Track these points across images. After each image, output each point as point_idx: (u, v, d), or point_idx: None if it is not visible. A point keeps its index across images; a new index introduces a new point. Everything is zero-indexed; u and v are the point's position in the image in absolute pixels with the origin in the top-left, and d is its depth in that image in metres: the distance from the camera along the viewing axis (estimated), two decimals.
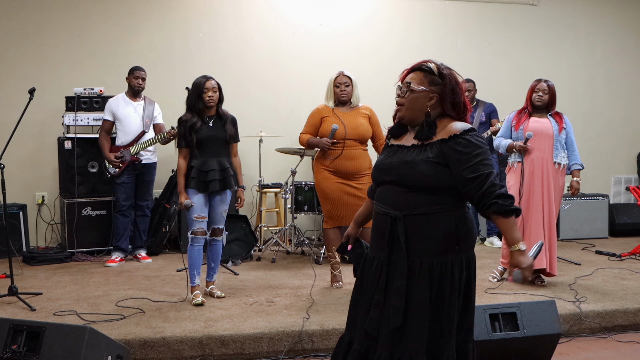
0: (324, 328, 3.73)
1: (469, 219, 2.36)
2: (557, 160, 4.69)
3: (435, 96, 2.33)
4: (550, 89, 4.74)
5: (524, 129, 4.68)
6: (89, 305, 4.20)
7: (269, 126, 6.72)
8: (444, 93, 2.33)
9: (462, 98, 2.37)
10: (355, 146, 4.62)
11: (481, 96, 6.71)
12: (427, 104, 2.34)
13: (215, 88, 4.30)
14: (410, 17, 7.37)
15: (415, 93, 2.34)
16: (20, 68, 6.37)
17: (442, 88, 2.33)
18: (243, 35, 6.94)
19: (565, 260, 5.68)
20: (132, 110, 5.67)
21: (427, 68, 2.36)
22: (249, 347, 3.61)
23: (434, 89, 2.33)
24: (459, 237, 2.29)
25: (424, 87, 2.33)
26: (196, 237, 4.27)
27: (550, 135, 4.68)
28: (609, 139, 7.92)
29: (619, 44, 7.91)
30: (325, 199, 4.67)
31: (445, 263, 2.27)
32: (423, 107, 2.34)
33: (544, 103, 4.72)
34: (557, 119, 4.78)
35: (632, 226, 7.20)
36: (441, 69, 2.35)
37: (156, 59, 6.72)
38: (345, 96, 4.63)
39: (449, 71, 2.37)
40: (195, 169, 4.27)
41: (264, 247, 6.16)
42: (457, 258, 2.29)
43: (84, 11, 6.55)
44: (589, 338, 3.98)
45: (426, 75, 2.35)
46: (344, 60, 6.92)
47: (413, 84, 2.35)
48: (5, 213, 4.75)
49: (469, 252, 2.35)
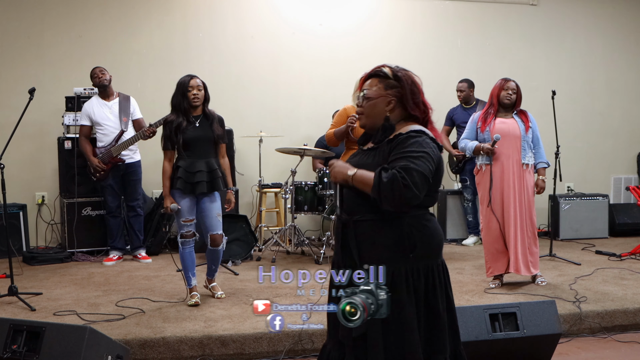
0: (324, 328, 3.72)
1: (429, 225, 2.28)
2: (525, 161, 4.62)
3: (394, 100, 2.31)
4: (518, 88, 4.71)
5: (490, 130, 4.61)
6: (89, 305, 4.20)
7: (269, 126, 6.71)
8: (402, 95, 2.31)
9: (420, 98, 2.34)
10: None
11: (481, 96, 6.71)
12: (386, 108, 2.31)
13: (200, 86, 4.17)
14: (410, 17, 7.37)
15: (372, 100, 2.32)
16: (20, 68, 6.37)
17: (399, 91, 2.31)
18: (243, 35, 6.94)
19: (565, 260, 5.68)
20: (107, 111, 5.65)
21: (381, 73, 2.33)
22: (249, 347, 3.61)
23: (390, 92, 2.31)
24: (413, 245, 2.21)
25: (381, 92, 2.31)
26: (186, 240, 4.21)
27: (518, 136, 4.60)
28: (609, 139, 7.92)
29: (619, 44, 7.91)
30: None
31: (398, 271, 2.20)
32: (382, 113, 2.31)
33: (512, 102, 4.68)
34: (522, 118, 4.70)
35: (632, 226, 7.19)
36: (396, 71, 2.33)
37: (156, 59, 6.72)
38: None
39: (405, 72, 2.34)
40: (181, 169, 4.13)
41: (264, 247, 6.16)
42: (411, 266, 2.22)
43: (84, 11, 6.56)
44: (589, 338, 3.98)
45: (381, 80, 2.33)
46: (344, 61, 6.94)
47: (368, 92, 2.33)
48: (5, 213, 4.75)
49: (430, 259, 2.26)
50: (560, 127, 6.19)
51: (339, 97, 6.10)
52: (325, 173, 5.93)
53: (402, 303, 2.19)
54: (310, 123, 6.97)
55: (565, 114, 7.27)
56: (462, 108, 6.69)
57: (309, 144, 6.33)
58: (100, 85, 5.65)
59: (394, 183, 2.10)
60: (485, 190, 4.65)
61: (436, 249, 2.31)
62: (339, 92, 6.43)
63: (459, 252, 6.24)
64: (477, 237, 6.70)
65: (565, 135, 6.55)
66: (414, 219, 2.24)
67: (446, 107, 6.88)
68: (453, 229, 6.93)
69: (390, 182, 2.10)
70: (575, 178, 7.64)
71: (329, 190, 5.85)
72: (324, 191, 5.92)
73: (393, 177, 2.10)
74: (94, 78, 5.67)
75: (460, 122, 6.65)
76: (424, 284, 2.24)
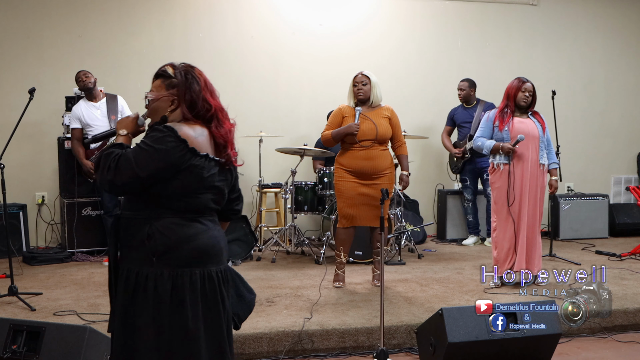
0: (324, 328, 3.72)
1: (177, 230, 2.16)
2: (542, 161, 4.66)
3: (176, 99, 2.25)
4: (534, 89, 4.74)
5: (510, 130, 4.62)
6: (89, 305, 4.19)
7: (269, 126, 6.71)
8: (180, 94, 2.25)
9: (202, 95, 2.26)
10: (374, 146, 4.61)
11: (481, 96, 6.71)
12: (168, 108, 2.26)
13: None
14: (410, 17, 7.37)
15: (155, 102, 2.27)
16: (20, 68, 6.37)
17: (179, 89, 2.25)
18: (243, 35, 6.94)
19: (565, 260, 5.68)
20: (96, 111, 5.67)
21: (165, 73, 2.29)
22: (249, 347, 3.61)
23: (173, 92, 2.26)
24: (155, 249, 2.13)
25: (162, 93, 2.27)
26: None
27: (536, 136, 4.64)
28: (609, 139, 7.92)
29: (619, 44, 7.91)
30: (340, 197, 4.69)
31: (140, 274, 2.14)
32: (164, 113, 2.27)
33: (528, 104, 4.70)
34: (538, 118, 4.73)
35: (632, 226, 7.20)
36: (177, 69, 2.28)
37: (156, 59, 6.68)
38: (362, 95, 4.63)
39: (187, 70, 2.28)
40: None
41: (264, 247, 6.16)
42: (154, 271, 2.13)
43: (84, 11, 6.56)
44: (589, 338, 3.98)
45: (164, 80, 2.28)
46: (344, 61, 6.93)
47: (150, 94, 2.29)
48: (5, 213, 4.75)
49: (179, 267, 2.15)
50: (560, 127, 6.20)
51: (339, 97, 6.08)
52: (325, 173, 5.92)
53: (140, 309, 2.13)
54: (310, 123, 6.96)
55: (565, 114, 7.27)
56: (463, 108, 6.69)
57: (309, 144, 6.33)
58: (85, 88, 5.69)
59: (103, 161, 2.12)
60: (503, 190, 4.65)
61: (186, 256, 2.16)
62: (339, 92, 6.41)
63: (459, 252, 6.24)
64: (477, 237, 6.70)
65: (565, 135, 6.56)
66: (161, 222, 2.15)
67: (446, 106, 6.88)
68: (453, 229, 6.93)
69: (101, 158, 2.13)
70: (575, 178, 7.64)
71: (329, 190, 5.85)
72: (324, 191, 5.92)
73: (105, 156, 2.12)
74: (78, 82, 5.72)
75: (461, 121, 6.65)
76: (176, 294, 2.13)
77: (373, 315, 3.91)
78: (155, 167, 2.10)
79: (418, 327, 3.57)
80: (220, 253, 2.28)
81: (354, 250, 5.50)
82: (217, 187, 2.26)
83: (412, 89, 7.27)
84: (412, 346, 3.71)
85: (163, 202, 2.16)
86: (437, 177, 7.33)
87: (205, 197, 2.22)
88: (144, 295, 2.13)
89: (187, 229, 2.17)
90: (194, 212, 2.20)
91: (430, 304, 4.20)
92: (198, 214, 2.22)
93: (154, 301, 2.12)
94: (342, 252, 4.73)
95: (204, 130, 2.26)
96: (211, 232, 2.24)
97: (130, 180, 2.10)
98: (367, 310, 4.05)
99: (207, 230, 2.22)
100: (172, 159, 2.12)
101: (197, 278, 2.17)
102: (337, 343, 3.70)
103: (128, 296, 2.14)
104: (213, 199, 2.25)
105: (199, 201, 2.21)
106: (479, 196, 6.71)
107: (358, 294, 4.53)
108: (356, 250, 5.53)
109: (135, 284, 2.14)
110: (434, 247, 6.55)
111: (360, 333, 3.72)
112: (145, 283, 2.13)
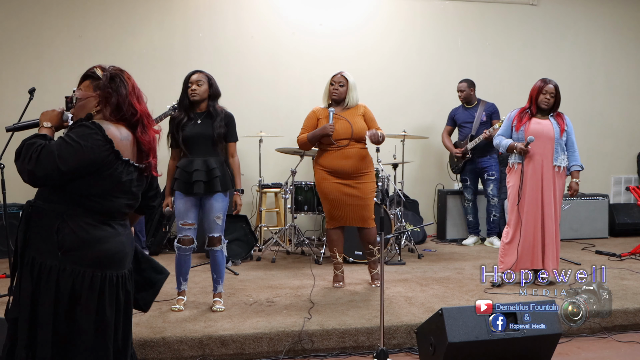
0: (324, 328, 3.72)
1: (90, 231, 2.19)
2: (557, 163, 4.66)
3: (102, 100, 2.31)
4: (557, 90, 4.72)
5: (525, 130, 4.66)
6: None
7: (269, 126, 6.72)
8: (106, 96, 2.30)
9: (129, 100, 2.31)
10: (352, 145, 4.60)
11: (481, 96, 6.71)
12: (94, 108, 2.31)
13: (200, 81, 4.01)
14: (410, 17, 7.37)
15: (81, 101, 2.33)
16: (20, 68, 6.37)
17: (106, 92, 2.30)
18: (243, 35, 6.94)
19: (565, 260, 5.68)
20: None
21: (93, 74, 2.34)
22: (249, 347, 3.61)
23: (100, 93, 2.31)
24: (62, 244, 2.16)
25: (89, 93, 2.32)
26: (181, 247, 4.02)
27: (552, 137, 4.65)
28: (609, 139, 7.92)
29: (619, 44, 7.91)
30: (325, 199, 4.68)
31: (44, 265, 2.16)
32: (90, 112, 2.32)
33: (549, 106, 4.72)
34: (558, 120, 4.75)
35: (632, 226, 7.20)
36: (106, 72, 2.33)
37: (156, 59, 6.72)
38: (336, 95, 4.63)
39: (115, 73, 2.33)
40: (179, 170, 3.99)
41: (264, 247, 6.16)
42: (58, 265, 2.16)
43: (84, 11, 6.56)
44: (589, 338, 3.98)
45: (92, 81, 2.34)
46: (344, 61, 6.93)
47: (78, 93, 2.34)
48: (5, 213, 4.76)
49: (83, 266, 2.18)
50: None
51: None
52: None
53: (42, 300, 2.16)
54: None
55: (565, 114, 7.25)
56: (463, 108, 6.69)
57: None
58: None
59: (25, 150, 2.15)
60: (515, 189, 4.67)
61: (91, 257, 2.20)
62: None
63: (459, 252, 6.24)
64: (477, 237, 6.70)
65: None
66: (73, 219, 2.18)
67: (446, 106, 6.88)
68: (453, 229, 6.93)
69: (23, 147, 2.16)
70: None
71: None
72: None
73: (27, 145, 2.16)
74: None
75: (461, 122, 6.65)
76: (74, 288, 2.17)
77: (373, 315, 3.91)
78: (77, 163, 2.13)
79: (418, 327, 3.57)
80: (125, 259, 2.32)
81: (353, 250, 5.50)
82: (132, 192, 2.31)
83: (412, 89, 7.27)
84: (412, 346, 3.71)
85: (77, 200, 2.19)
86: (437, 177, 7.33)
87: (119, 201, 2.27)
88: (47, 287, 2.16)
89: (97, 230, 2.21)
90: (106, 215, 2.25)
91: (430, 304, 4.20)
92: (110, 217, 2.26)
93: (55, 293, 2.16)
94: (337, 253, 4.73)
95: (129, 134, 2.31)
96: (120, 237, 2.28)
97: (50, 173, 2.13)
98: (367, 310, 4.05)
99: (116, 235, 2.26)
100: (96, 157, 2.16)
101: (97, 280, 2.21)
102: (337, 343, 3.70)
103: (32, 283, 2.18)
104: (127, 203, 2.30)
105: (113, 204, 2.25)
106: (479, 196, 6.71)
107: (358, 294, 4.53)
108: (356, 250, 5.53)
109: (39, 273, 2.17)
110: (434, 247, 6.55)
111: (360, 333, 3.72)
112: (48, 275, 2.16)
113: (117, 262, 2.28)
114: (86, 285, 2.18)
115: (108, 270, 2.24)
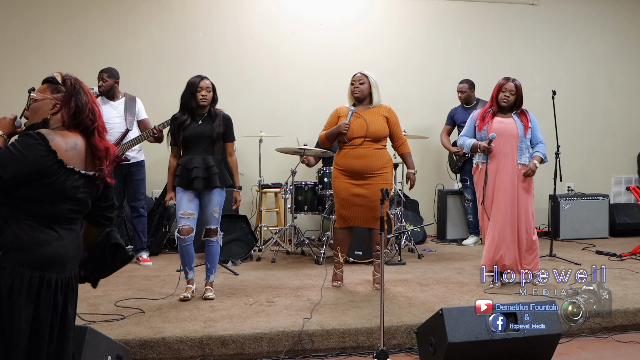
0: (323, 328, 3.72)
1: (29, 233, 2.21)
2: (521, 161, 4.60)
3: (58, 104, 2.36)
4: (518, 89, 4.67)
5: (487, 129, 4.61)
6: (88, 305, 4.19)
7: (269, 126, 6.72)
8: (65, 100, 2.36)
9: (91, 106, 2.38)
10: (366, 145, 4.57)
11: (481, 96, 6.71)
12: (50, 111, 2.36)
13: (209, 88, 4.33)
14: (410, 17, 7.37)
15: (37, 102, 2.38)
16: (20, 68, 6.37)
17: (65, 96, 2.37)
18: (243, 35, 6.95)
19: (565, 260, 5.68)
20: (111, 109, 5.60)
21: (52, 79, 2.42)
22: (249, 347, 3.61)
23: (57, 97, 2.37)
24: (3, 244, 2.17)
25: (46, 95, 2.38)
26: (181, 237, 4.26)
27: (515, 136, 4.60)
28: (609, 139, 7.92)
29: (619, 43, 7.91)
30: (335, 197, 4.71)
31: None
32: (45, 115, 2.37)
33: (509, 104, 4.65)
34: (522, 118, 4.67)
35: (632, 226, 7.20)
36: (65, 78, 2.41)
37: (156, 59, 6.72)
38: (358, 93, 4.61)
39: (74, 81, 2.42)
40: (180, 167, 4.30)
41: (264, 247, 6.16)
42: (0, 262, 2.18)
43: (84, 11, 6.56)
44: (589, 338, 3.98)
45: (50, 86, 2.41)
46: (344, 60, 6.93)
47: (34, 94, 2.39)
48: None
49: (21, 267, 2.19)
50: (560, 127, 6.19)
51: (339, 97, 6.09)
52: (325, 173, 5.93)
53: None
54: (310, 123, 6.96)
55: (565, 114, 7.27)
56: (463, 108, 6.69)
57: (309, 144, 6.33)
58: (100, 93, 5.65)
59: None
60: (480, 187, 4.67)
61: (31, 259, 2.22)
62: (339, 92, 6.42)
63: (459, 252, 6.24)
64: (477, 237, 6.70)
65: (565, 135, 6.56)
66: (15, 221, 2.20)
67: (446, 106, 6.88)
68: (453, 229, 6.93)
69: None
70: (576, 178, 7.64)
71: (329, 190, 5.85)
72: (324, 191, 5.92)
73: None
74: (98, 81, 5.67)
75: (461, 121, 6.65)
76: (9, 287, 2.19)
77: (373, 316, 3.91)
78: (19, 172, 2.16)
79: (418, 327, 3.57)
80: (66, 262, 2.33)
81: (353, 250, 5.50)
82: (78, 198, 2.33)
83: (411, 89, 7.27)
84: (412, 346, 3.71)
85: (21, 204, 2.21)
86: (437, 177, 7.33)
87: (64, 206, 2.29)
88: None
89: (39, 234, 2.23)
90: (50, 219, 2.26)
91: (430, 304, 4.20)
92: (54, 222, 2.28)
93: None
94: (340, 252, 4.73)
95: (80, 140, 2.34)
96: (63, 241, 2.30)
97: None
98: (367, 311, 4.05)
99: (58, 239, 2.28)
100: (39, 167, 2.19)
101: (35, 281, 2.22)
102: (337, 343, 3.70)
103: None
104: (72, 209, 2.32)
105: (57, 209, 2.27)
106: None
107: (358, 294, 4.53)
108: (356, 250, 5.53)
109: None
110: (434, 247, 6.55)
111: (360, 333, 3.72)
112: None
113: (58, 265, 2.30)
114: (25, 285, 2.21)
115: (47, 272, 2.26)
